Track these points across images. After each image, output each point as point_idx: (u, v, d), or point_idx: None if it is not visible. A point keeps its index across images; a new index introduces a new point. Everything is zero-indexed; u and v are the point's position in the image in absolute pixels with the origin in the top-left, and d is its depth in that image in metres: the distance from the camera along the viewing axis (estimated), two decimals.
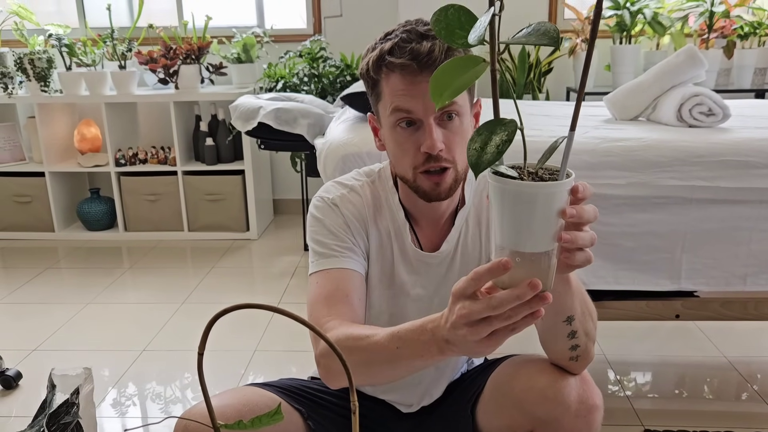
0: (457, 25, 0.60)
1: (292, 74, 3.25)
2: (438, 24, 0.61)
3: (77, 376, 1.22)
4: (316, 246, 1.11)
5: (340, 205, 1.13)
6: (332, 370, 0.96)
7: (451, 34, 0.60)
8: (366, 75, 1.08)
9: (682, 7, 3.29)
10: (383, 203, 1.16)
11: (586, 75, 0.62)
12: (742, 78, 3.33)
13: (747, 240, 1.58)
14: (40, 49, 3.37)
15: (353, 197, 1.15)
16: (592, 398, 0.99)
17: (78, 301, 2.74)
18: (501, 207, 0.68)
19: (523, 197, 0.66)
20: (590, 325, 0.96)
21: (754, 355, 2.17)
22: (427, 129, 1.03)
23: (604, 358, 2.15)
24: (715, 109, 1.74)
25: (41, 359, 2.25)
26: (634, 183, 1.56)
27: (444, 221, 1.16)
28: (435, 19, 0.61)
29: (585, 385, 1.00)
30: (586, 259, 0.75)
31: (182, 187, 3.49)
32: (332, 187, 1.17)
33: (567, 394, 0.98)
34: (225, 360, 2.20)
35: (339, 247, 1.09)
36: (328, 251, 1.09)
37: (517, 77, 3.40)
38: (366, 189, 1.17)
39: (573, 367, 1.00)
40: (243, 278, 3.01)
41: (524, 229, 0.68)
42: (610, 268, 1.61)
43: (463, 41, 0.60)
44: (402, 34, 1.03)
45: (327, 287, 1.06)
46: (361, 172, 1.21)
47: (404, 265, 1.15)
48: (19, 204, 3.58)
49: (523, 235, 0.68)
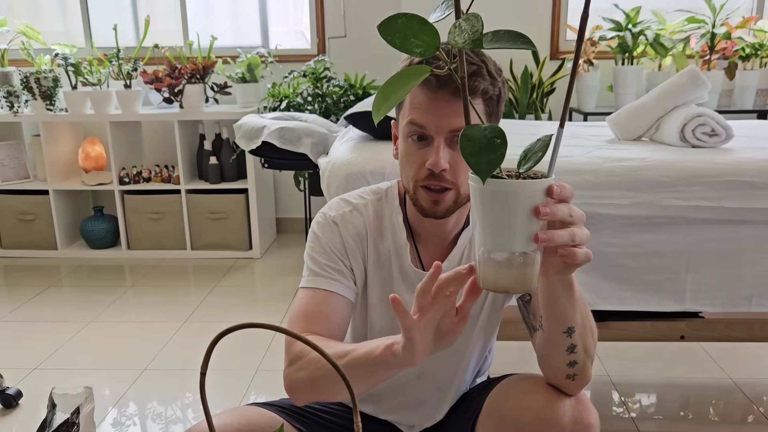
0: (411, 34, 0.59)
1: (296, 94, 3.27)
2: (390, 34, 0.60)
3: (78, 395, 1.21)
4: (310, 262, 1.12)
5: (340, 224, 1.14)
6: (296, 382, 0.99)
7: (406, 42, 0.59)
8: None
9: (683, 28, 3.31)
10: (386, 222, 1.16)
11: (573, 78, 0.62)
12: (744, 99, 3.34)
13: (752, 261, 1.57)
14: (47, 68, 3.40)
15: (355, 217, 1.15)
16: (587, 417, 0.98)
17: (80, 319, 2.73)
18: (480, 206, 0.69)
19: (499, 196, 0.68)
20: (590, 341, 0.95)
21: (759, 377, 2.15)
22: (435, 147, 1.04)
23: (609, 380, 2.13)
24: (718, 129, 1.74)
25: (42, 378, 2.24)
26: (638, 203, 1.56)
27: (449, 241, 1.16)
28: (383, 29, 0.60)
29: (580, 405, 0.99)
30: (574, 255, 0.74)
31: (185, 205, 3.50)
32: (337, 204, 1.18)
33: (561, 414, 0.97)
34: (227, 379, 2.19)
35: (330, 269, 1.10)
36: (320, 270, 1.10)
37: (519, 97, 3.41)
38: (370, 208, 1.17)
39: (570, 387, 0.99)
40: (245, 297, 3.00)
41: (501, 228, 0.69)
42: (615, 288, 1.60)
43: (420, 50, 0.59)
44: None
45: (310, 305, 1.07)
46: (368, 190, 1.21)
47: (405, 284, 1.14)
48: (22, 222, 3.59)
49: (501, 234, 0.69)
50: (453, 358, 1.18)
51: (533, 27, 3.58)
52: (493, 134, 0.62)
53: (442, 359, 1.17)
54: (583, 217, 0.76)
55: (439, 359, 1.17)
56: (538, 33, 3.60)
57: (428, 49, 0.59)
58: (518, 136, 2.04)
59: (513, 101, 3.46)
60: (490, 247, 0.71)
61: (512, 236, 0.69)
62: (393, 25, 0.59)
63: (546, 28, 3.61)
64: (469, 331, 1.17)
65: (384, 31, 0.59)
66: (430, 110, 1.03)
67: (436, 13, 0.64)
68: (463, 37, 0.57)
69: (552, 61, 3.60)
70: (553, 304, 0.90)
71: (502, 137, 0.62)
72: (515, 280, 0.72)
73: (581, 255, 0.75)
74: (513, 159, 0.67)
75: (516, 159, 0.69)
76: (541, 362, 1.01)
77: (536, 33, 3.59)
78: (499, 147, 0.62)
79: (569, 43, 3.61)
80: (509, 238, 0.69)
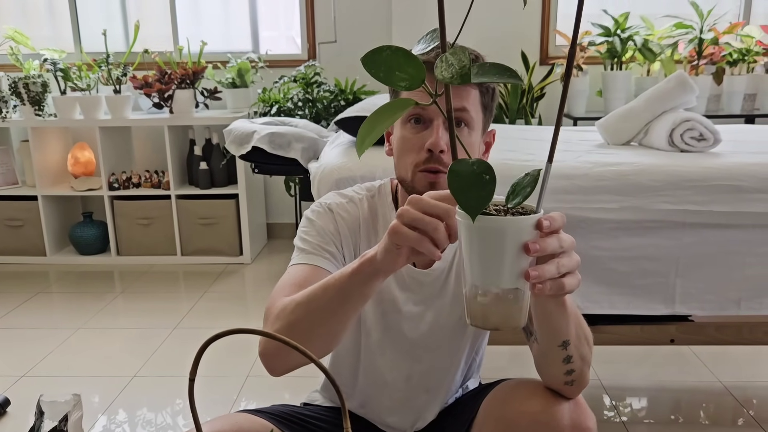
0: (396, 67, 0.58)
1: (286, 99, 3.27)
2: (374, 67, 0.58)
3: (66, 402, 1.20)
4: (300, 243, 1.12)
5: (335, 211, 1.15)
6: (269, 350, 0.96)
7: (391, 76, 0.58)
8: None
9: (671, 34, 3.34)
10: (379, 218, 1.17)
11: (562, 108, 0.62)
12: (732, 104, 3.37)
13: (741, 264, 1.59)
14: (35, 74, 3.38)
15: (350, 207, 1.16)
16: (585, 422, 0.99)
17: (69, 326, 2.71)
18: (468, 242, 0.68)
19: (487, 232, 0.66)
20: (586, 349, 0.96)
21: (749, 380, 2.16)
22: (435, 127, 1.06)
23: (600, 384, 2.13)
24: (706, 134, 1.75)
25: (30, 385, 2.21)
26: (627, 207, 1.57)
27: None
28: (368, 62, 0.58)
29: (578, 409, 1.00)
30: (562, 287, 0.74)
31: (176, 211, 3.48)
32: (332, 195, 1.19)
33: (560, 418, 0.97)
34: (217, 386, 2.18)
35: (321, 248, 1.10)
36: (310, 248, 1.10)
37: (509, 102, 3.43)
38: (364, 202, 1.18)
39: (568, 392, 1.00)
40: (236, 303, 2.99)
41: (490, 264, 0.68)
42: (605, 292, 1.61)
43: (405, 83, 0.58)
44: None
45: (296, 277, 1.05)
46: (362, 186, 1.22)
47: (396, 281, 1.15)
48: (10, 228, 3.56)
49: (490, 271, 0.68)
50: (442, 358, 1.18)
51: (523, 32, 3.60)
52: (481, 170, 0.61)
53: (431, 362, 1.17)
54: (573, 245, 0.76)
55: (427, 362, 1.18)
56: (528, 38, 3.62)
57: (413, 82, 0.58)
58: (508, 141, 2.05)
59: (503, 106, 3.47)
60: (479, 284, 0.69)
61: (501, 273, 0.68)
62: (378, 58, 0.58)
63: (536, 33, 3.63)
64: (460, 333, 1.17)
65: (368, 64, 0.58)
66: None
67: (420, 45, 0.63)
68: (450, 72, 0.57)
69: (542, 66, 3.61)
70: (547, 320, 0.90)
71: (490, 173, 0.61)
72: (505, 317, 0.70)
73: (571, 285, 0.75)
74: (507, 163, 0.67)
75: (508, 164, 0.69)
76: (539, 369, 1.02)
77: (526, 38, 3.61)
78: (488, 183, 0.61)
79: (559, 48, 3.63)
80: (498, 274, 0.68)
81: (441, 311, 1.15)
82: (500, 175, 0.63)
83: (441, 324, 1.15)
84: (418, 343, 1.17)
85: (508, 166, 1.54)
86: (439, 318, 1.15)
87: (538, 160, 1.67)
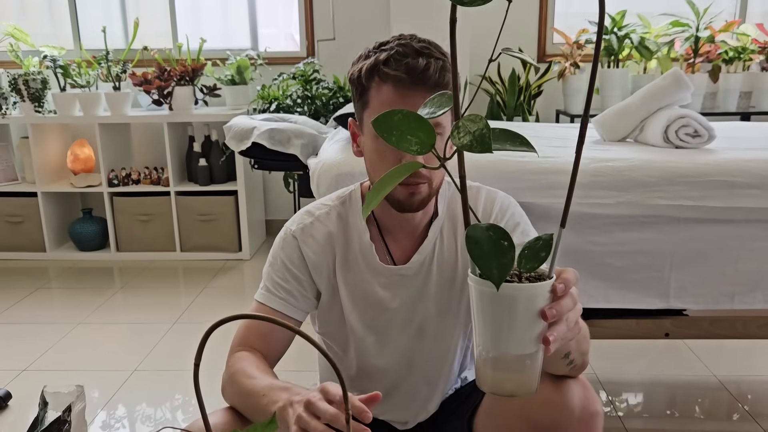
0: (408, 132, 0.59)
1: (285, 96, 3.28)
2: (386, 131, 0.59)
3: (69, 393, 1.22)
4: (265, 277, 1.18)
5: (300, 238, 1.16)
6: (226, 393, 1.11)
7: (403, 140, 0.59)
8: (356, 81, 1.10)
9: (668, 32, 3.36)
10: (351, 226, 1.18)
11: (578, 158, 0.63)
12: (728, 101, 3.39)
13: (734, 259, 1.61)
14: (35, 70, 3.39)
15: (316, 228, 1.17)
16: (594, 404, 1.01)
17: (69, 321, 2.72)
18: (481, 309, 0.66)
19: (503, 299, 0.64)
20: (585, 345, 0.98)
21: (743, 374, 2.18)
22: None
23: (596, 378, 2.15)
24: (700, 130, 1.77)
25: (31, 380, 2.23)
26: (622, 202, 1.58)
27: (419, 233, 1.18)
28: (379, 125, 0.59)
29: (586, 391, 1.02)
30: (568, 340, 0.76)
31: (175, 207, 3.50)
32: (299, 217, 1.20)
33: (570, 398, 0.99)
34: (218, 379, 2.19)
35: (281, 288, 1.15)
36: (271, 287, 1.15)
37: (507, 100, 3.44)
38: (333, 214, 1.19)
39: (570, 374, 1.02)
40: (235, 298, 3.01)
41: (505, 331, 0.66)
42: (601, 286, 1.63)
43: (417, 148, 0.59)
44: (398, 47, 1.05)
45: (254, 322, 1.13)
46: (333, 196, 1.23)
47: (378, 282, 1.16)
48: (10, 224, 3.57)
49: (505, 337, 0.66)
50: (438, 349, 1.20)
51: (520, 30, 3.61)
52: (498, 235, 0.61)
53: (427, 352, 1.19)
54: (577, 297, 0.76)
55: (426, 351, 1.19)
56: (526, 36, 3.64)
57: (424, 146, 0.59)
58: None
59: (501, 104, 3.49)
60: (491, 350, 0.67)
61: (517, 340, 0.66)
62: (389, 122, 0.59)
63: (533, 31, 3.65)
64: (452, 321, 1.18)
65: (380, 127, 0.59)
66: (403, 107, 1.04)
67: (426, 109, 0.63)
68: (469, 138, 0.58)
69: (539, 63, 3.63)
70: None
71: (507, 238, 0.61)
72: (520, 383, 0.68)
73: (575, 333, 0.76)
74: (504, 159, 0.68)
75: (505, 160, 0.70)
76: None
77: (523, 36, 3.63)
78: (508, 250, 0.61)
79: (556, 46, 3.64)
80: (513, 341, 0.66)
81: (428, 301, 1.17)
82: (497, 170, 0.65)
83: (431, 313, 1.17)
84: (412, 336, 1.18)
85: (506, 162, 1.56)
86: (428, 307, 1.17)
87: (535, 156, 1.69)
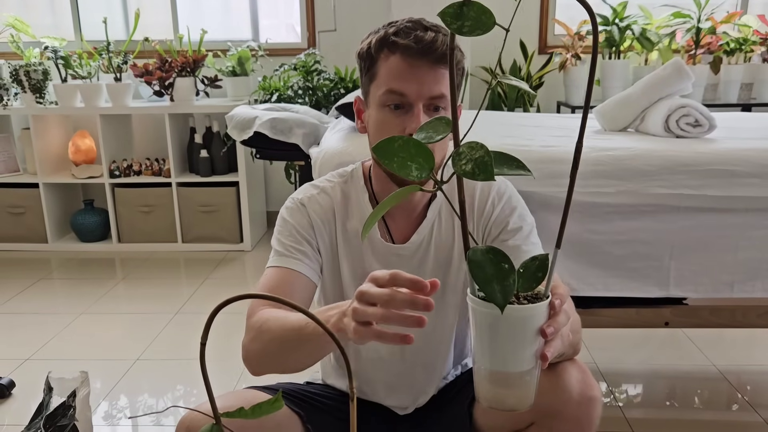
0: (408, 158, 0.60)
1: (286, 87, 3.28)
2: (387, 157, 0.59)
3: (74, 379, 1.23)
4: (276, 244, 1.17)
5: (308, 205, 1.19)
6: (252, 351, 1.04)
7: (404, 167, 0.59)
8: (365, 54, 1.12)
9: (669, 23, 3.36)
10: (353, 202, 1.20)
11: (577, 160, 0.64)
12: (729, 93, 3.39)
13: (734, 247, 1.61)
14: (36, 62, 3.39)
15: (322, 198, 1.20)
16: (592, 389, 1.02)
17: (71, 311, 2.73)
18: (481, 329, 0.68)
19: (504, 321, 0.66)
20: (576, 338, 0.99)
21: (743, 364, 2.19)
22: (416, 112, 1.07)
23: (596, 368, 2.17)
24: (701, 120, 1.78)
25: (34, 368, 2.24)
26: (623, 191, 1.59)
27: (417, 213, 1.20)
28: (380, 152, 0.59)
29: (585, 376, 1.03)
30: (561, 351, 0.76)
31: (176, 198, 3.51)
32: (305, 188, 1.23)
33: (569, 380, 1.01)
34: (223, 364, 2.21)
35: (295, 249, 1.14)
36: (285, 251, 1.15)
37: (508, 91, 3.44)
38: (337, 189, 1.21)
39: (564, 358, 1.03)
40: (236, 289, 3.01)
41: (505, 350, 0.68)
42: (600, 275, 1.63)
43: (417, 173, 0.59)
44: (407, 22, 1.09)
45: (272, 282, 1.11)
46: (335, 173, 1.26)
47: (376, 259, 1.18)
48: (12, 215, 3.58)
49: (505, 355, 0.68)
50: (434, 331, 1.21)
51: (522, 21, 3.61)
52: (498, 258, 0.62)
53: (423, 335, 1.20)
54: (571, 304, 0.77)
55: (420, 336, 1.20)
56: (527, 27, 3.63)
57: (423, 171, 0.60)
58: (507, 127, 2.08)
59: (502, 95, 3.49)
60: (490, 367, 0.69)
61: (516, 358, 0.68)
62: (390, 148, 0.60)
63: (534, 22, 3.64)
64: (448, 302, 1.20)
65: (381, 154, 0.60)
66: (410, 77, 1.06)
67: (423, 133, 0.64)
68: (470, 166, 0.59)
69: (540, 55, 3.63)
70: None
71: (507, 261, 0.62)
72: (519, 398, 0.71)
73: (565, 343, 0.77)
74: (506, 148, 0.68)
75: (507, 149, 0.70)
76: None
77: (525, 27, 3.63)
78: (509, 272, 0.62)
79: (557, 37, 3.64)
80: (513, 359, 0.68)
81: None
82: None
83: None
84: None
85: (507, 150, 1.56)
86: None
87: (536, 146, 1.70)
